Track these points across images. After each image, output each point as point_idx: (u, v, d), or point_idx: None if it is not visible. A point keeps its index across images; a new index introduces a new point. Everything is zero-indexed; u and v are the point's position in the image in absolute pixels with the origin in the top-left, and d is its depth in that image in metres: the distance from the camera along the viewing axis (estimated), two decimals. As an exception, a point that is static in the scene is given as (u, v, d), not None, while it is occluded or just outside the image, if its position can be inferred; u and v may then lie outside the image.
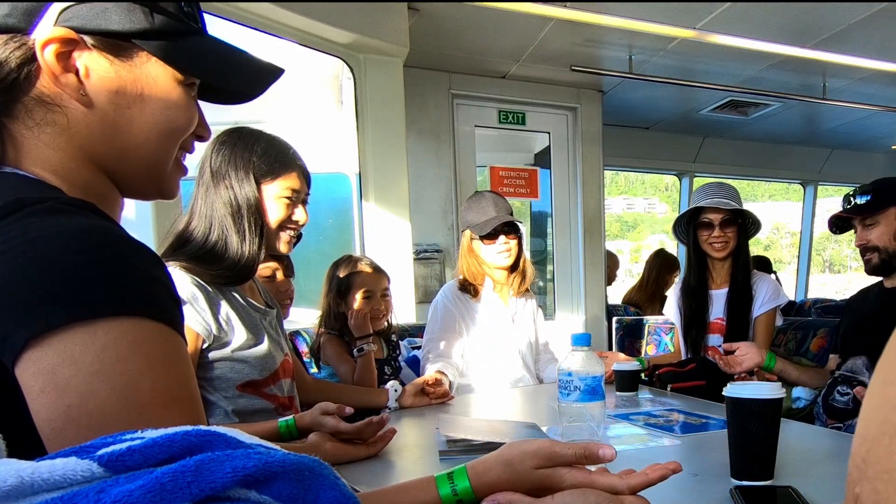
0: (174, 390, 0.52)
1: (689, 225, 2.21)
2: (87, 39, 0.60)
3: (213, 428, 0.39)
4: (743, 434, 0.97)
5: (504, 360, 2.09)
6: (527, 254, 2.22)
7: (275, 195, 1.33)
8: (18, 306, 0.48)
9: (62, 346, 0.48)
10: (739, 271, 2.15)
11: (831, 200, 6.69)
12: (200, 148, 0.96)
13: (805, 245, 6.26)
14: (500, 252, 2.04)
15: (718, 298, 2.20)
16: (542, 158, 4.24)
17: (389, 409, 1.69)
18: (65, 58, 0.59)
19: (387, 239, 2.88)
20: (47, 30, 0.58)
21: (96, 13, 0.59)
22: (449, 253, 3.65)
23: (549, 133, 4.16)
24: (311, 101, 3.52)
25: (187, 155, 0.74)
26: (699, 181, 5.56)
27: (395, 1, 2.82)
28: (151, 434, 0.37)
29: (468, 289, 2.10)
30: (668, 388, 1.87)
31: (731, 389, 0.99)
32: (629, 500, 0.63)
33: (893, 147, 5.92)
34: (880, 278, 1.81)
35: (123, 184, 0.67)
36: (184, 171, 0.73)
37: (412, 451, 1.28)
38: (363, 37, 2.73)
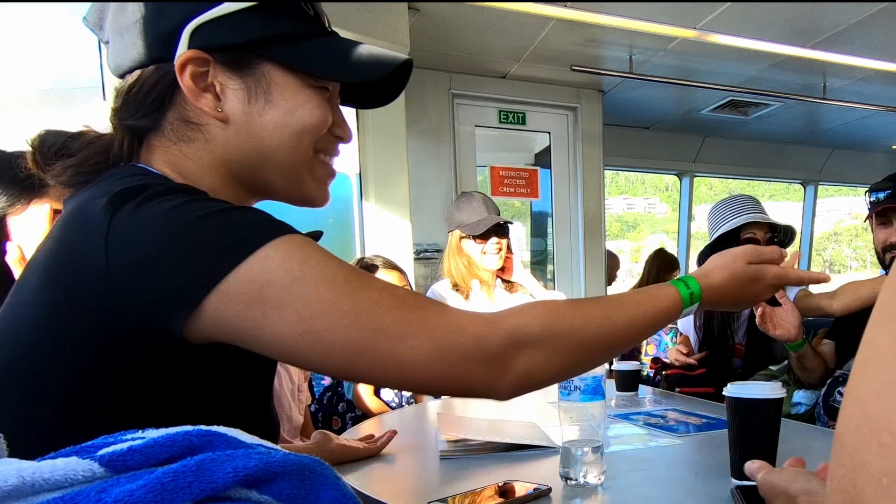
0: (347, 268, 0.58)
1: (721, 242, 2.00)
2: (216, 56, 0.62)
3: (214, 428, 0.39)
4: (743, 434, 0.97)
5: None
6: (515, 253, 2.18)
7: None
8: (189, 261, 0.52)
9: (252, 276, 0.53)
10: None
11: (831, 200, 6.69)
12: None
13: (805, 245, 6.26)
14: (488, 251, 2.05)
15: (741, 321, 2.09)
16: (543, 158, 4.24)
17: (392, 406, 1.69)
18: (202, 78, 0.62)
19: (387, 239, 2.88)
20: (182, 53, 0.61)
21: (215, 31, 0.62)
22: (449, 253, 3.65)
23: (549, 133, 4.16)
24: (312, 101, 3.51)
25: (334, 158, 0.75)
26: (699, 181, 5.57)
27: (395, 1, 2.82)
28: (152, 434, 0.38)
29: (460, 291, 2.11)
30: (676, 390, 1.87)
31: (732, 389, 0.99)
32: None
33: (893, 147, 5.92)
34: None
35: (266, 190, 0.70)
36: (331, 174, 0.75)
37: (412, 451, 1.28)
38: (363, 37, 2.72)
